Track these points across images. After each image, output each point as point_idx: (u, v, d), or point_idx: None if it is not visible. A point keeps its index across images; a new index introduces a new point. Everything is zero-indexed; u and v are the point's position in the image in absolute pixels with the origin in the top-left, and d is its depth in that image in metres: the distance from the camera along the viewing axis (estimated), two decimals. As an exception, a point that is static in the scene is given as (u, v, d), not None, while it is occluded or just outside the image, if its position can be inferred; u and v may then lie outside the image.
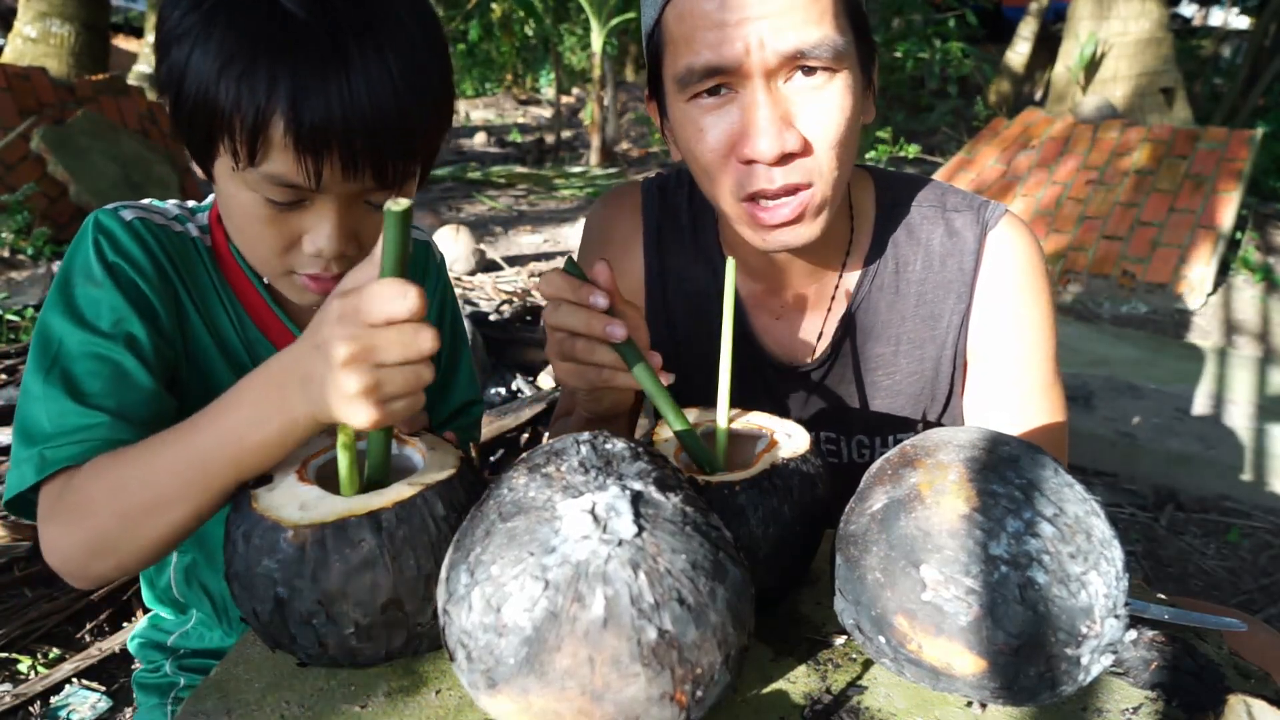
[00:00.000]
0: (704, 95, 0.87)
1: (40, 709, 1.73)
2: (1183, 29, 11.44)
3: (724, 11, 0.82)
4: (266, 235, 0.81)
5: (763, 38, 0.82)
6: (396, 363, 0.61)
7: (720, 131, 0.88)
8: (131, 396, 0.79)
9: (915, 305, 1.06)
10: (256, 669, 0.68)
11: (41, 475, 0.74)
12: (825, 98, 0.86)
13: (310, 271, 0.84)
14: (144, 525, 0.72)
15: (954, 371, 1.07)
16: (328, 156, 0.75)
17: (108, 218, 0.86)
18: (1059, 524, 0.60)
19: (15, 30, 5.59)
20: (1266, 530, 2.65)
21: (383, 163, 0.78)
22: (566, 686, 0.52)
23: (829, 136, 0.87)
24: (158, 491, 0.71)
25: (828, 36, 0.83)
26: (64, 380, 0.77)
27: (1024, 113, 6.56)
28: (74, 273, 0.83)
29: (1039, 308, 1.04)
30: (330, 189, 0.78)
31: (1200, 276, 4.74)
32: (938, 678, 0.63)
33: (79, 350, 0.79)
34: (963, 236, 1.04)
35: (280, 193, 0.78)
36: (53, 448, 0.75)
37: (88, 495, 0.73)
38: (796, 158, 0.87)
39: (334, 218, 0.80)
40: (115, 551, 0.74)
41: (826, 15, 0.83)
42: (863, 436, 1.11)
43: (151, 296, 0.84)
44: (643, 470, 0.60)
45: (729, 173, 0.90)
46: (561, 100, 10.51)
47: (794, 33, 0.82)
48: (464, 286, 4.51)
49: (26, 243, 4.52)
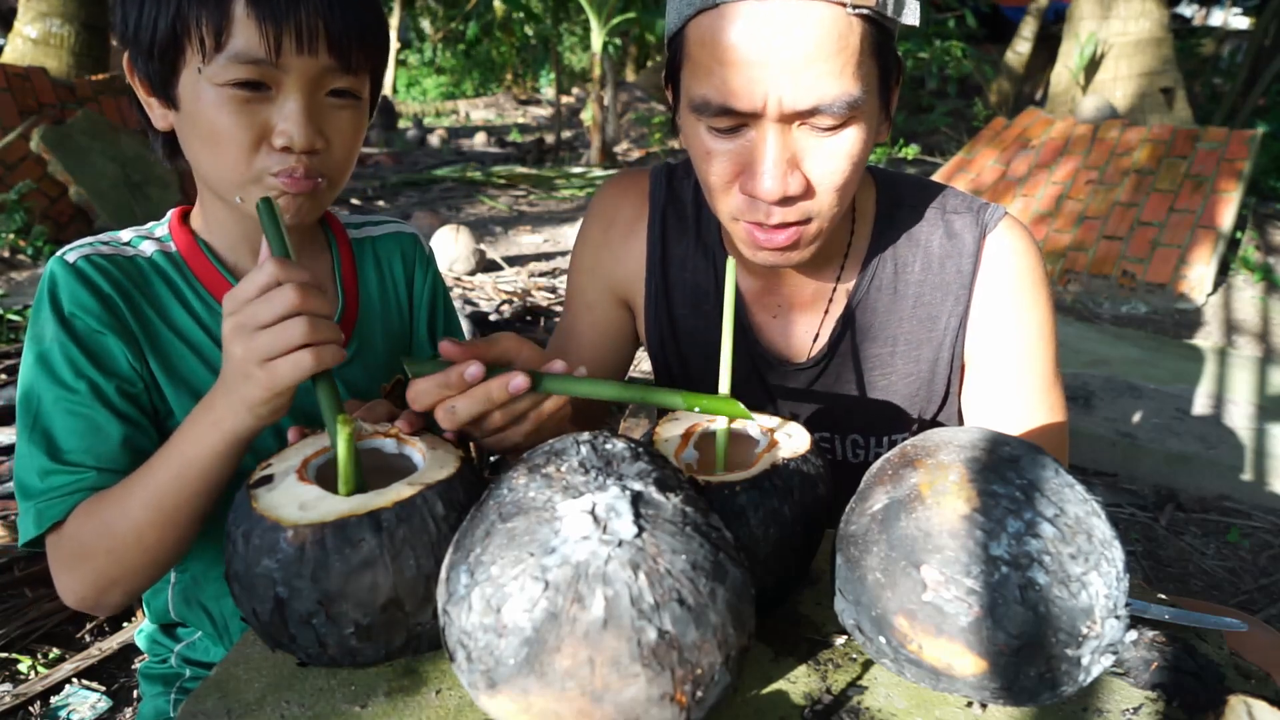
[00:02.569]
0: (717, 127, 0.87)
1: (40, 709, 1.73)
2: (1183, 29, 11.44)
3: (746, 53, 0.80)
4: (236, 134, 0.83)
5: (781, 95, 0.80)
6: (268, 323, 0.70)
7: (727, 160, 0.88)
8: (106, 447, 0.85)
9: (913, 306, 1.06)
10: (256, 669, 0.68)
11: (40, 529, 0.82)
12: (834, 145, 0.85)
13: (279, 171, 0.85)
14: (134, 555, 0.80)
15: (950, 373, 1.07)
16: (286, 24, 0.79)
17: (58, 266, 0.89)
18: (1059, 524, 0.60)
19: (15, 30, 5.58)
20: (1266, 530, 2.65)
21: (337, 34, 0.83)
22: (566, 687, 0.51)
23: (833, 182, 0.87)
24: (135, 524, 0.79)
25: (845, 92, 0.81)
26: (45, 440, 0.84)
27: (1024, 113, 6.56)
28: (40, 327, 0.87)
29: (1038, 310, 1.04)
30: (291, 67, 0.82)
31: (1200, 276, 4.74)
32: (938, 678, 0.63)
33: (53, 407, 0.84)
34: (962, 239, 1.04)
35: (245, 71, 0.81)
36: (44, 502, 0.82)
37: (80, 541, 0.81)
38: (798, 200, 0.87)
39: (299, 99, 0.83)
40: (118, 583, 0.83)
41: (849, 66, 0.81)
42: (857, 436, 1.11)
43: (109, 339, 0.88)
44: (643, 470, 0.60)
45: (730, 197, 0.90)
46: (561, 100, 10.51)
47: (812, 90, 0.80)
48: (464, 286, 4.51)
49: (26, 242, 4.52)
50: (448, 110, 13.51)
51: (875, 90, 0.86)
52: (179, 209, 0.99)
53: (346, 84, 0.86)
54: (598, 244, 1.17)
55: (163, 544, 0.81)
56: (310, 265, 1.03)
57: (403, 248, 1.12)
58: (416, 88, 16.09)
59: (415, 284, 1.12)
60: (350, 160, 0.92)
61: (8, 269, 4.39)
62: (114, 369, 0.88)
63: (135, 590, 0.85)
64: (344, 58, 0.84)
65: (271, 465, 0.72)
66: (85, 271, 0.88)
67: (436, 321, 1.15)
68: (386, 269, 1.10)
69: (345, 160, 0.90)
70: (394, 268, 1.10)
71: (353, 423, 0.67)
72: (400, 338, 1.11)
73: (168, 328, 0.92)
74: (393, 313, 1.09)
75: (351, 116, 0.89)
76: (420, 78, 16.51)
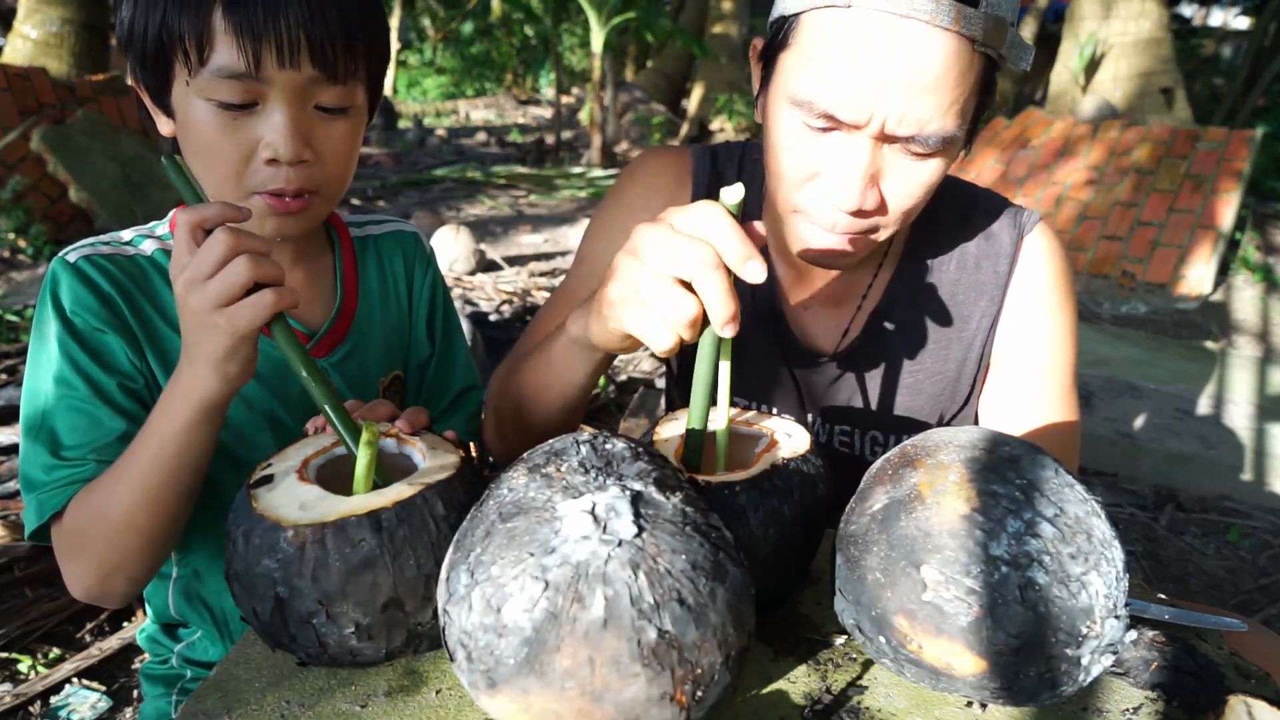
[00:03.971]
0: (812, 124, 0.86)
1: (40, 709, 1.73)
2: (1183, 29, 11.44)
3: (867, 66, 0.78)
4: (224, 150, 0.83)
5: (888, 116, 0.79)
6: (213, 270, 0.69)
7: (811, 157, 0.87)
8: (106, 441, 0.86)
9: (946, 305, 1.06)
10: (256, 669, 0.68)
11: (41, 520, 0.83)
12: (919, 171, 0.85)
13: (270, 188, 0.85)
14: (128, 538, 0.81)
15: (977, 373, 1.08)
16: (265, 38, 0.78)
17: (59, 266, 0.89)
18: (1059, 524, 0.60)
19: (15, 30, 5.58)
20: (1266, 530, 2.65)
21: (321, 47, 0.81)
22: (566, 687, 0.51)
23: (906, 206, 0.87)
24: (124, 507, 0.79)
25: (945, 129, 0.81)
26: (48, 436, 0.85)
27: (1024, 113, 6.57)
28: (42, 326, 0.88)
29: (1066, 314, 1.05)
30: (274, 80, 0.80)
31: (1200, 276, 4.74)
32: (938, 678, 0.63)
33: (56, 404, 0.86)
34: (999, 240, 1.05)
35: (228, 89, 0.80)
36: (45, 493, 0.83)
37: (78, 529, 0.82)
38: (870, 215, 0.87)
39: (284, 112, 0.82)
40: (119, 569, 0.83)
41: (958, 103, 0.80)
42: (877, 433, 1.11)
43: (109, 337, 0.88)
44: (643, 470, 0.60)
45: (800, 192, 0.89)
46: (561, 100, 10.51)
47: (918, 122, 0.80)
48: (464, 286, 4.51)
49: (26, 242, 4.52)
50: (448, 110, 13.52)
51: (969, 122, 0.86)
52: (183, 208, 1.00)
53: (334, 95, 0.84)
54: (635, 209, 1.14)
55: (154, 524, 0.81)
56: (312, 263, 1.03)
57: (404, 246, 1.12)
58: (416, 88, 16.10)
59: (415, 282, 1.13)
60: (345, 171, 0.90)
61: (8, 269, 4.39)
62: (115, 366, 0.88)
63: (138, 577, 0.85)
64: (329, 69, 0.82)
65: (272, 465, 0.72)
66: (85, 271, 0.89)
67: (435, 320, 1.15)
68: (388, 267, 1.10)
69: (339, 171, 0.89)
70: (395, 266, 1.11)
71: (374, 427, 0.66)
72: (399, 335, 1.11)
73: (166, 324, 0.93)
74: (391, 310, 1.10)
75: (344, 127, 0.87)
76: (420, 78, 16.52)
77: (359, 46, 0.85)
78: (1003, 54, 0.81)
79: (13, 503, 2.29)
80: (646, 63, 12.39)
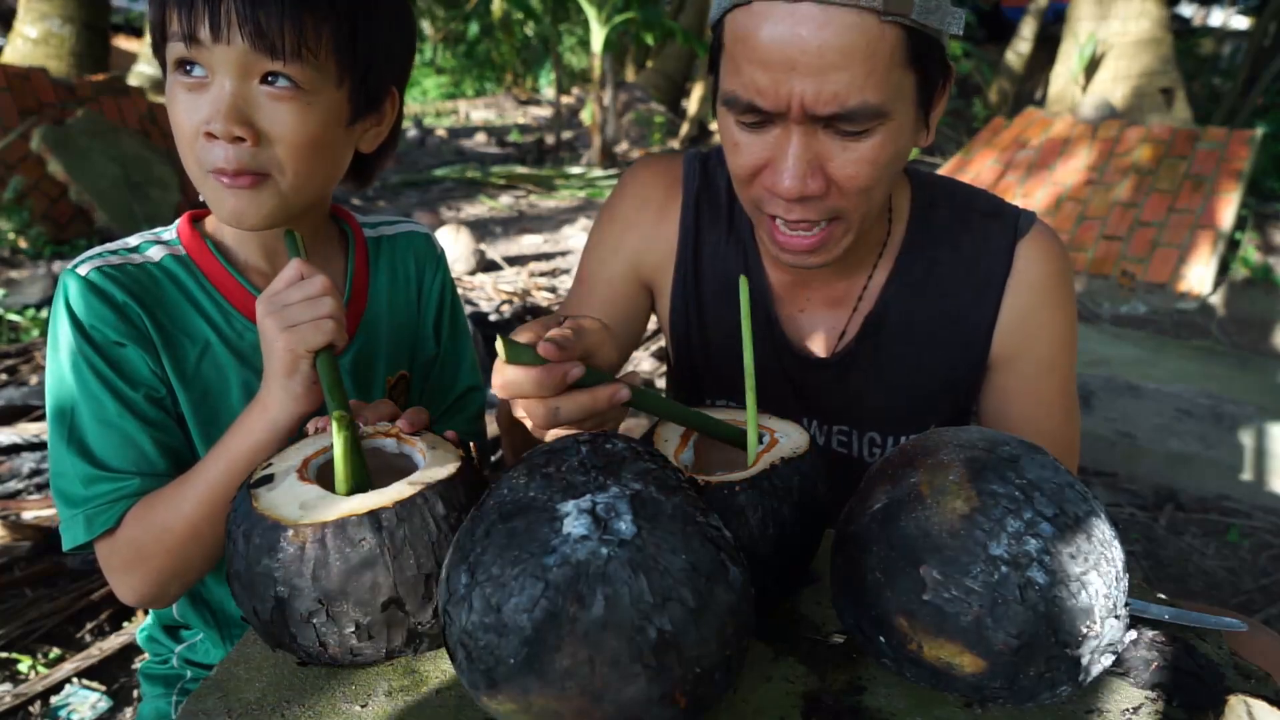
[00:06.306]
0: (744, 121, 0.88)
1: (40, 709, 1.73)
2: (1183, 29, 11.44)
3: (773, 54, 0.81)
4: (181, 124, 0.83)
5: (804, 98, 0.81)
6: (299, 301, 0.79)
7: (752, 155, 0.89)
8: (141, 454, 0.88)
9: (942, 307, 1.06)
10: (256, 669, 0.68)
11: (92, 535, 0.85)
12: (859, 150, 0.85)
13: (212, 166, 0.84)
14: (191, 550, 0.85)
15: (975, 374, 1.08)
16: (198, 9, 0.78)
17: (71, 279, 0.89)
18: (1059, 524, 0.60)
19: (15, 30, 5.59)
20: (1266, 530, 2.65)
21: (255, 20, 0.79)
22: (566, 687, 0.52)
23: (857, 185, 0.87)
24: (190, 521, 0.83)
25: (868, 103, 0.81)
26: (82, 450, 0.86)
27: (1023, 113, 6.57)
28: (59, 339, 0.88)
29: (1064, 316, 1.05)
30: (214, 54, 0.80)
31: (1200, 276, 4.74)
32: (938, 678, 0.63)
33: (86, 418, 0.87)
34: (995, 241, 1.05)
35: (178, 66, 0.82)
36: (92, 509, 0.85)
37: (138, 544, 0.85)
38: (818, 200, 0.88)
39: (223, 85, 0.81)
40: (178, 576, 0.87)
41: (874, 75, 0.80)
42: (875, 434, 1.11)
43: (129, 349, 0.89)
44: (643, 470, 0.60)
45: (754, 189, 0.92)
46: (561, 100, 10.51)
47: (834, 96, 0.80)
48: (464, 286, 4.51)
49: (26, 242, 4.52)
50: (448, 110, 13.51)
51: (910, 98, 0.86)
52: (189, 214, 1.00)
53: (280, 70, 0.81)
54: (628, 222, 1.16)
55: (216, 536, 0.83)
56: (324, 262, 1.04)
57: (416, 247, 1.13)
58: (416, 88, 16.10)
59: (425, 282, 1.13)
60: (301, 155, 0.85)
61: (8, 269, 4.39)
62: (138, 378, 0.89)
63: (192, 582, 0.90)
64: (267, 45, 0.80)
65: (272, 465, 0.72)
66: (98, 283, 0.88)
67: (443, 320, 1.15)
68: (399, 267, 1.11)
69: (293, 155, 0.85)
70: (407, 266, 1.11)
71: (348, 419, 0.67)
72: (406, 334, 1.11)
73: (178, 330, 0.93)
74: (400, 310, 1.10)
75: (296, 109, 0.83)
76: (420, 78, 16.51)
77: (308, 23, 0.81)
78: (918, 20, 0.81)
79: (12, 503, 2.29)
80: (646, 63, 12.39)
